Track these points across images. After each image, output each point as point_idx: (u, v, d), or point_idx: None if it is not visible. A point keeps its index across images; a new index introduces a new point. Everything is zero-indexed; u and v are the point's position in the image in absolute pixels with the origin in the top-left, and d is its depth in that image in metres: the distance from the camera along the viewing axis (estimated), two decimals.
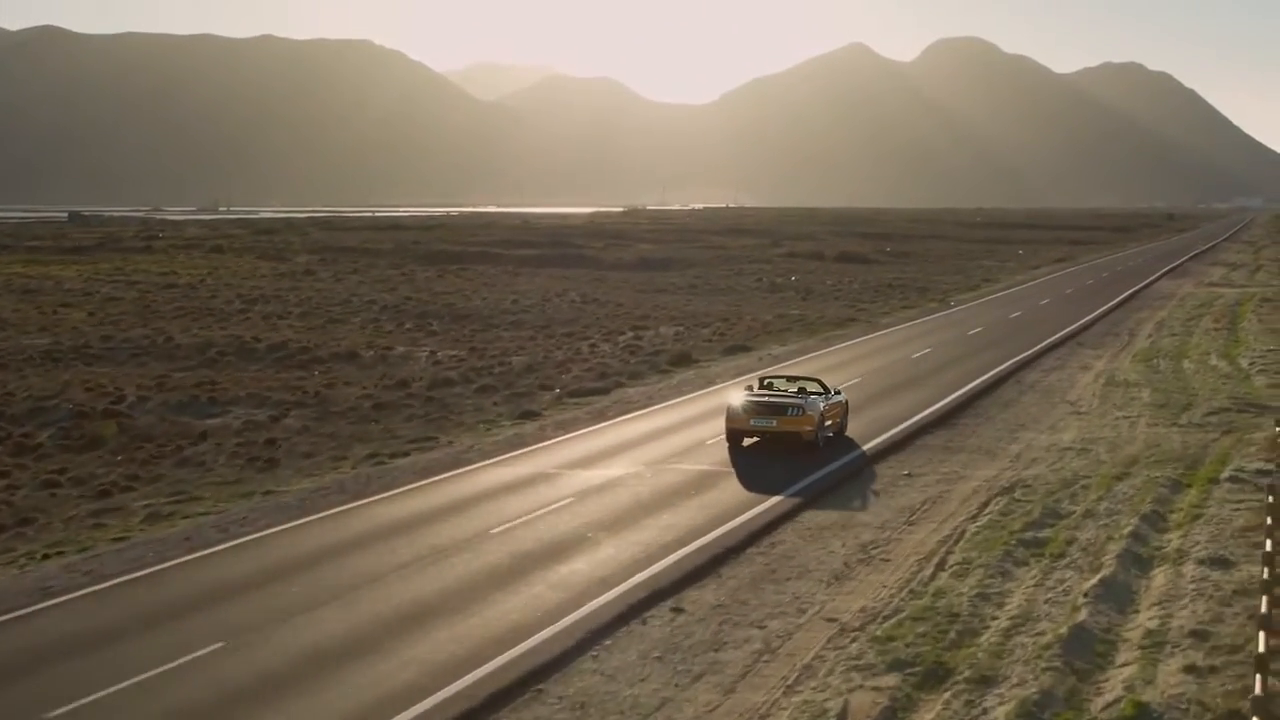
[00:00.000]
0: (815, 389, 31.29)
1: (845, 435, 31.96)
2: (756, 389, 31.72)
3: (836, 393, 32.02)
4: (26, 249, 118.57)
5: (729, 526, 23.36)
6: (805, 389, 31.33)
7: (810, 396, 30.54)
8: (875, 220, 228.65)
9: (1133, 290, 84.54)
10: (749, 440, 30.48)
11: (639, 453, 29.99)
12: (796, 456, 29.19)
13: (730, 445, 30.23)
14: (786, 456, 29.44)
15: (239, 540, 22.36)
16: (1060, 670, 16.17)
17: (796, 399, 30.30)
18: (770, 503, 25.25)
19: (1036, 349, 51.25)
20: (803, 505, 25.27)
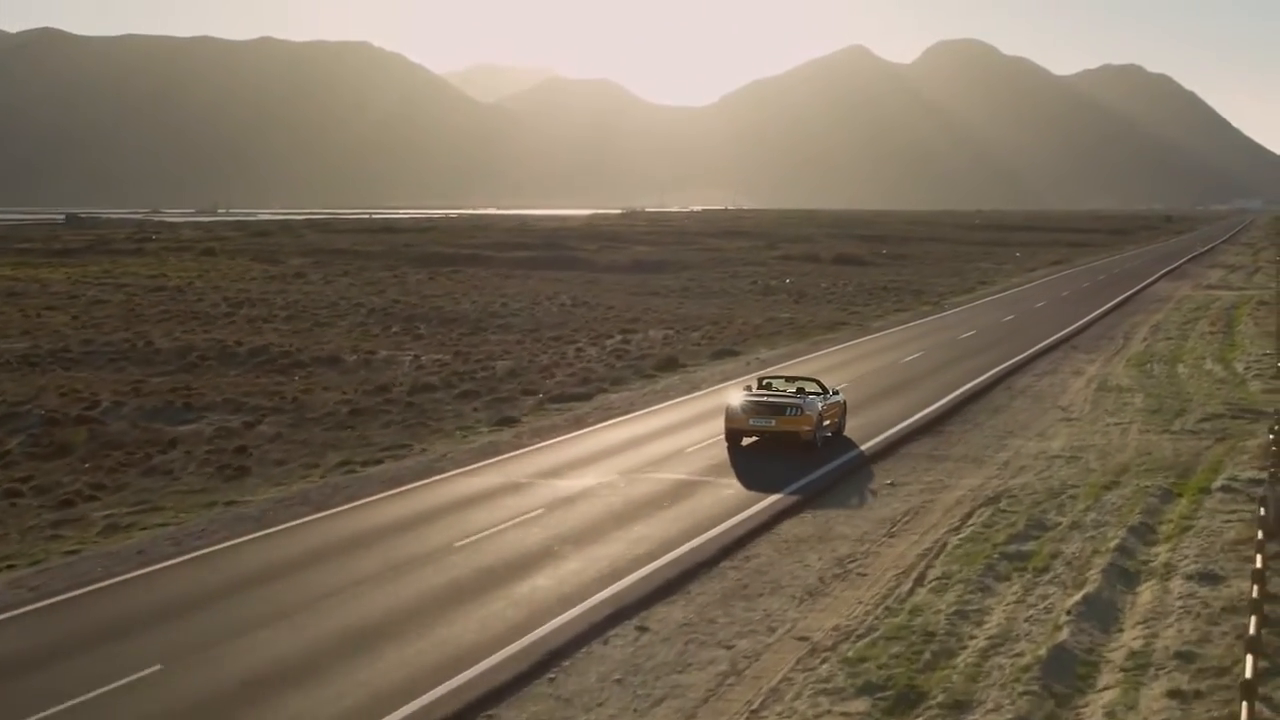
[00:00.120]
0: (814, 389, 31.55)
1: (835, 441, 31.34)
2: (755, 389, 31.90)
3: (835, 393, 32.30)
4: (16, 251, 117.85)
5: (702, 539, 22.55)
6: (804, 389, 31.59)
7: (809, 397, 30.80)
8: (874, 222, 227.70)
9: (1129, 293, 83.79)
10: (748, 440, 30.56)
11: (615, 461, 29.16)
12: (792, 455, 29.17)
13: (730, 446, 30.30)
14: (768, 464, 28.71)
15: (192, 554, 21.56)
16: (1038, 695, 15.41)
17: (795, 399, 30.57)
18: (747, 513, 24.46)
19: (1029, 353, 50.44)
20: (780, 516, 24.48)
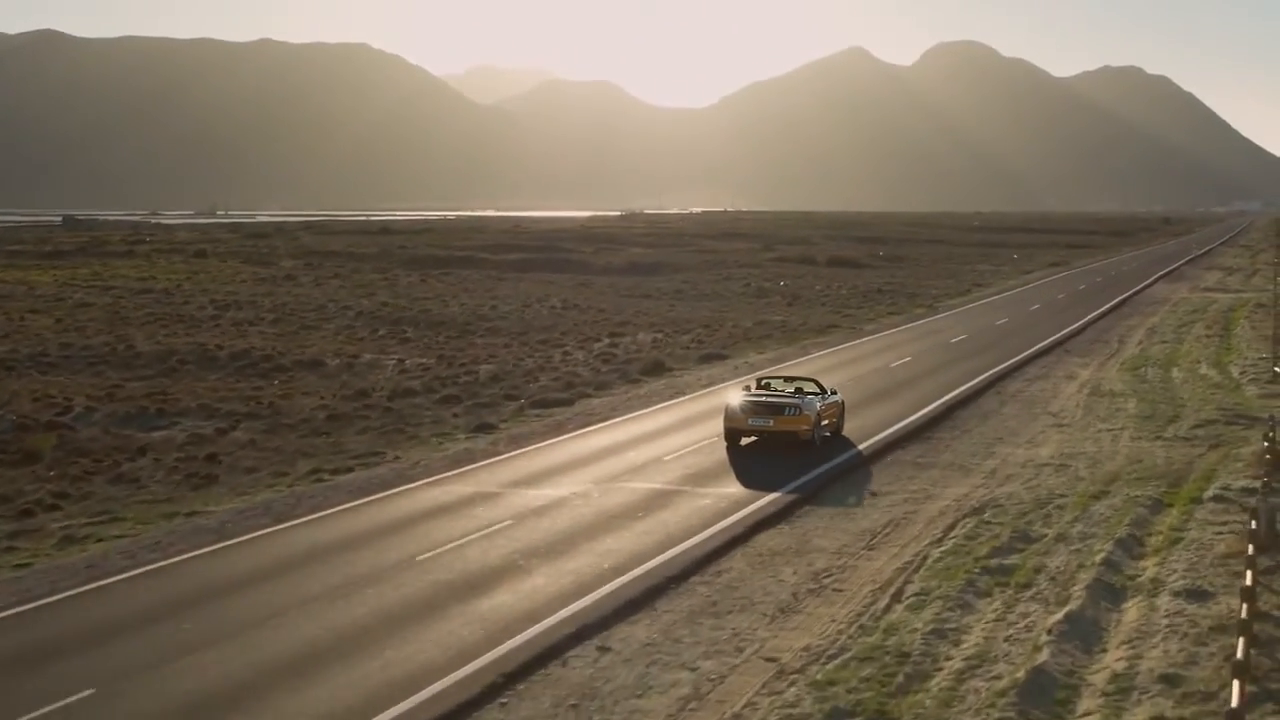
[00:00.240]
0: (812, 389, 31.93)
1: (819, 447, 30.70)
2: (754, 389, 32.26)
3: (833, 393, 32.56)
4: (7, 253, 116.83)
5: (673, 552, 21.77)
6: (802, 389, 31.98)
7: (807, 396, 31.20)
8: (871, 224, 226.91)
9: (1125, 295, 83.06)
10: (747, 440, 30.80)
11: (590, 470, 28.37)
12: (773, 461, 28.92)
13: (728, 446, 30.55)
14: (748, 471, 27.98)
15: (144, 569, 20.79)
16: None
17: (793, 399, 30.97)
18: (722, 525, 23.68)
19: (1021, 357, 49.69)
20: (757, 527, 23.71)
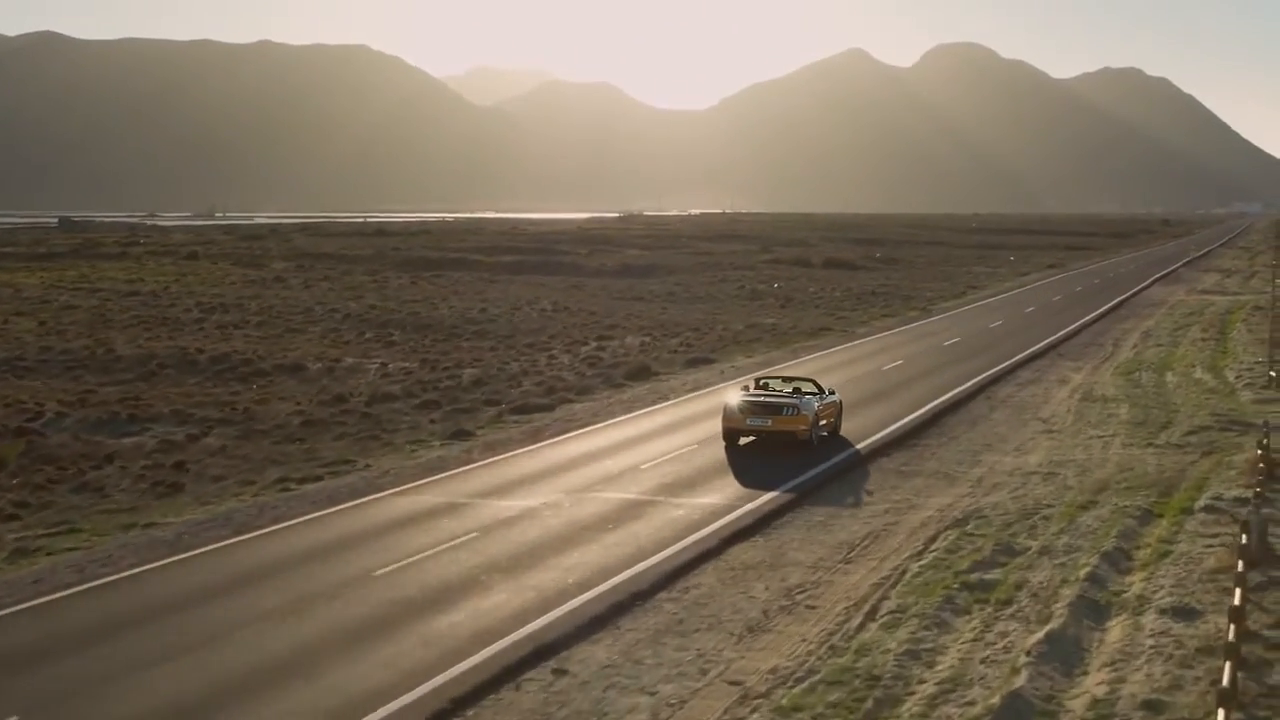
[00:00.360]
0: (810, 389, 32.19)
1: (802, 454, 30.09)
2: (753, 389, 32.50)
3: (831, 393, 32.78)
4: None
5: (641, 567, 20.97)
6: (800, 389, 32.25)
7: (805, 396, 31.48)
8: (869, 226, 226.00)
9: (1122, 297, 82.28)
10: (745, 439, 30.99)
11: (564, 479, 27.55)
12: (754, 469, 28.46)
13: (728, 445, 30.74)
14: (726, 480, 27.23)
15: (91, 584, 19.99)
16: None
17: (792, 399, 31.25)
18: (695, 537, 22.88)
19: (1013, 361, 48.90)
20: (731, 540, 22.91)
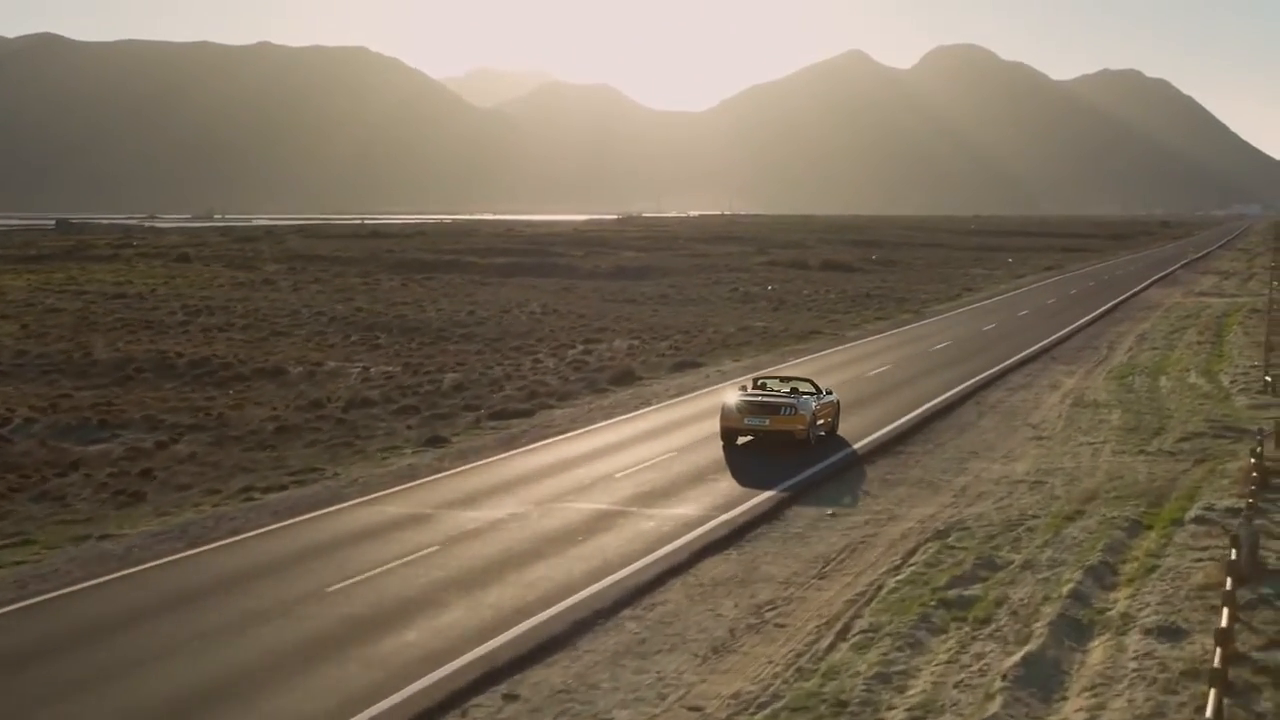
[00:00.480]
0: (808, 389, 32.42)
1: (778, 464, 29.18)
2: (750, 389, 32.72)
3: (828, 393, 33.09)
4: None
5: (607, 582, 20.13)
6: (798, 389, 32.48)
7: (803, 396, 31.72)
8: (868, 228, 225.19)
9: (1118, 300, 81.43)
10: (743, 439, 31.13)
11: (534, 489, 26.68)
12: (729, 480, 27.87)
13: (725, 445, 30.88)
14: (699, 490, 26.43)
15: (29, 601, 19.14)
16: None
17: (789, 399, 31.49)
18: (664, 551, 22.03)
19: (1005, 364, 48.04)
20: (702, 554, 22.07)
